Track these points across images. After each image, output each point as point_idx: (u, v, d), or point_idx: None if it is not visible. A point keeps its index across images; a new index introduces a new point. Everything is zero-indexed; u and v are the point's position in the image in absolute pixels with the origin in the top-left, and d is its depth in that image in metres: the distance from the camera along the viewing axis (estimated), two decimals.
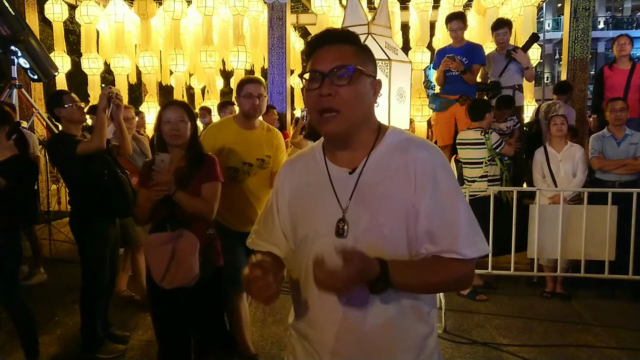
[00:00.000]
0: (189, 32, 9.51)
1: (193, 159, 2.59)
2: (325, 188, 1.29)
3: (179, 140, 2.56)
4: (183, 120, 2.56)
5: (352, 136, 1.27)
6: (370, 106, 1.29)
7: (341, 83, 1.21)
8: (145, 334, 3.87)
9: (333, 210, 1.25)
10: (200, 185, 2.56)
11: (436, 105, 5.73)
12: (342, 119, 1.22)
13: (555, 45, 27.42)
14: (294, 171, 1.39)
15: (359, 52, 1.27)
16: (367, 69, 1.26)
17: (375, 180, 1.24)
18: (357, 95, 1.23)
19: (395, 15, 8.53)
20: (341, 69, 1.21)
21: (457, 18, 5.63)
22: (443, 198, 1.21)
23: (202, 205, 2.53)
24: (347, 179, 1.27)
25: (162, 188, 2.40)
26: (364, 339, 1.23)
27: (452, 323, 3.98)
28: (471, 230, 1.22)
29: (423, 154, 1.24)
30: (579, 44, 7.36)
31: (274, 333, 3.85)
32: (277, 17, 7.82)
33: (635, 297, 4.52)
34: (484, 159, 4.63)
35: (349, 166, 1.28)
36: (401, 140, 1.28)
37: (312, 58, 1.28)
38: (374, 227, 1.22)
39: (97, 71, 8.70)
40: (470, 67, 5.48)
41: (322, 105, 1.22)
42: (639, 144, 4.59)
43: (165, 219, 2.52)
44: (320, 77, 1.23)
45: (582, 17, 7.34)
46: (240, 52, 8.21)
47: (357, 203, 1.24)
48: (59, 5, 8.62)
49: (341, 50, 1.25)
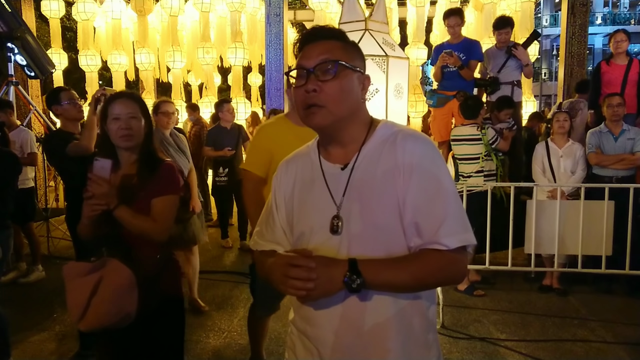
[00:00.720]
0: (186, 28, 9.50)
1: (145, 166, 2.10)
2: (319, 185, 1.29)
3: (129, 142, 2.07)
4: (135, 116, 2.08)
5: (340, 131, 1.27)
6: (357, 101, 1.28)
7: (326, 78, 1.22)
8: None
9: (327, 207, 1.26)
10: (151, 199, 2.06)
11: (433, 101, 5.74)
12: (327, 113, 1.23)
13: (553, 40, 27.46)
14: (290, 169, 1.40)
15: (344, 48, 1.27)
16: (354, 64, 1.26)
17: (367, 175, 1.24)
18: (343, 90, 1.23)
19: (393, 12, 8.53)
20: (325, 64, 1.22)
21: (454, 14, 5.63)
22: (427, 188, 1.20)
23: (149, 225, 2.02)
24: (339, 175, 1.27)
25: (99, 202, 1.96)
26: (364, 336, 1.23)
27: (449, 318, 4.00)
28: (454, 221, 1.20)
29: (410, 144, 1.23)
30: (577, 39, 7.37)
31: (273, 329, 3.85)
32: (275, 14, 7.81)
33: (632, 292, 4.54)
34: (480, 155, 4.63)
35: (341, 162, 1.29)
36: (391, 133, 1.27)
37: (299, 56, 1.28)
38: (368, 223, 1.21)
39: (94, 68, 8.69)
40: (468, 62, 5.49)
41: (307, 102, 1.23)
42: (636, 139, 4.60)
43: (102, 241, 2.05)
44: (305, 74, 1.23)
45: (579, 13, 7.35)
46: (238, 48, 8.20)
47: (351, 199, 1.24)
48: (56, 2, 8.60)
49: (326, 46, 1.25)
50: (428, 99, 6.00)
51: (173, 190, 2.14)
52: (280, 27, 7.87)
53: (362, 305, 1.22)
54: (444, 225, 1.18)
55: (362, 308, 1.22)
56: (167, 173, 2.14)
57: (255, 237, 1.45)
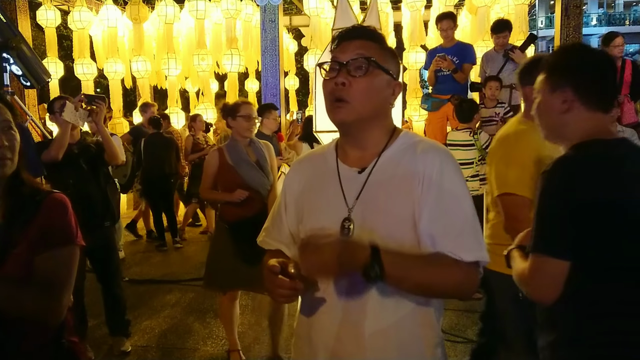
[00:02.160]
0: (182, 35, 9.52)
1: (18, 203, 1.37)
2: (333, 186, 1.30)
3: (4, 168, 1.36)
4: (11, 127, 1.39)
5: (362, 132, 1.29)
6: (384, 104, 1.30)
7: (357, 74, 1.24)
8: (141, 339, 3.88)
9: (339, 209, 1.26)
10: (32, 256, 1.33)
11: (428, 105, 5.76)
12: (351, 109, 1.24)
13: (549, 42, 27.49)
14: (302, 170, 1.42)
15: (381, 50, 1.29)
16: (387, 66, 1.28)
17: (383, 180, 1.25)
18: (370, 89, 1.25)
19: (388, 16, 8.54)
20: (359, 59, 1.24)
21: (447, 18, 5.66)
22: (447, 200, 1.21)
23: (32, 300, 1.30)
24: (355, 178, 1.28)
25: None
26: (366, 344, 1.22)
27: (447, 322, 3.99)
28: (471, 236, 1.21)
29: (432, 154, 1.25)
30: (571, 41, 7.38)
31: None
32: (270, 20, 7.82)
33: None
34: (474, 159, 4.65)
35: (358, 165, 1.29)
36: (413, 142, 1.29)
37: (335, 50, 1.31)
38: (379, 227, 1.22)
39: (90, 76, 8.69)
40: (461, 66, 5.51)
41: (335, 94, 1.25)
42: (631, 140, 4.60)
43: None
44: (337, 67, 1.26)
45: (573, 14, 7.36)
46: (234, 55, 8.22)
47: (364, 202, 1.24)
48: (52, 11, 8.61)
49: (363, 44, 1.27)
50: (423, 103, 6.03)
51: (69, 238, 1.41)
52: (276, 32, 7.88)
53: (362, 310, 1.22)
54: (460, 239, 1.20)
55: (362, 314, 1.22)
56: (58, 212, 1.41)
57: (264, 233, 1.46)
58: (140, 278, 5.35)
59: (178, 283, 5.16)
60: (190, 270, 5.51)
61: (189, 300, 4.67)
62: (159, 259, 6.14)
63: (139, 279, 5.30)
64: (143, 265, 5.88)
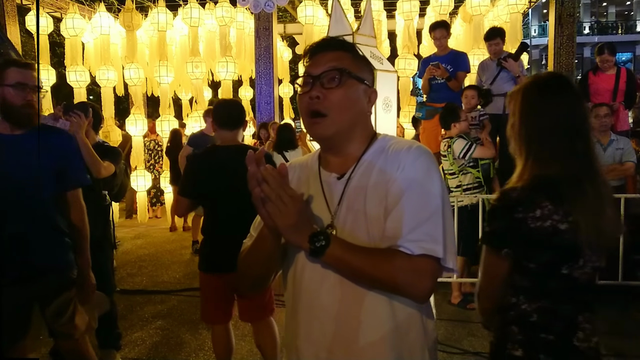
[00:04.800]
0: (176, 43, 9.48)
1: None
2: (316, 194, 1.30)
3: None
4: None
5: (342, 142, 1.29)
6: (361, 113, 1.29)
7: (330, 86, 1.23)
8: (131, 351, 3.81)
9: (323, 216, 1.26)
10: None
11: (422, 114, 5.75)
12: (330, 123, 1.24)
13: (542, 50, 27.73)
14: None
15: (353, 59, 1.30)
16: (361, 76, 1.28)
17: (362, 184, 1.24)
18: (346, 99, 1.24)
19: (382, 24, 8.55)
20: (332, 71, 1.24)
21: (440, 27, 5.67)
22: (409, 196, 1.18)
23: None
24: (336, 184, 1.28)
25: None
26: (358, 355, 1.20)
27: (443, 333, 3.95)
28: (425, 230, 1.16)
29: (399, 153, 1.24)
30: (565, 49, 7.43)
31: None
32: (264, 27, 7.82)
33: (624, 303, 4.51)
34: (454, 170, 4.62)
35: (338, 172, 1.29)
36: (389, 144, 1.29)
37: (307, 64, 1.30)
38: (361, 232, 1.21)
39: (83, 84, 8.64)
40: (455, 74, 5.50)
41: (311, 108, 1.24)
42: (624, 149, 4.60)
43: None
44: (311, 80, 1.25)
45: (566, 23, 7.41)
46: (229, 62, 8.20)
47: (346, 208, 1.24)
48: (44, 18, 8.56)
49: (334, 55, 1.27)
50: (417, 112, 6.02)
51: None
52: (270, 40, 7.88)
53: (355, 322, 1.20)
54: (412, 232, 1.15)
55: (355, 327, 1.20)
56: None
57: (247, 240, 1.42)
58: (131, 288, 5.28)
59: (170, 293, 5.09)
60: (182, 280, 5.44)
61: (181, 311, 4.60)
62: (150, 268, 6.07)
63: (130, 289, 5.23)
64: (135, 275, 5.81)
